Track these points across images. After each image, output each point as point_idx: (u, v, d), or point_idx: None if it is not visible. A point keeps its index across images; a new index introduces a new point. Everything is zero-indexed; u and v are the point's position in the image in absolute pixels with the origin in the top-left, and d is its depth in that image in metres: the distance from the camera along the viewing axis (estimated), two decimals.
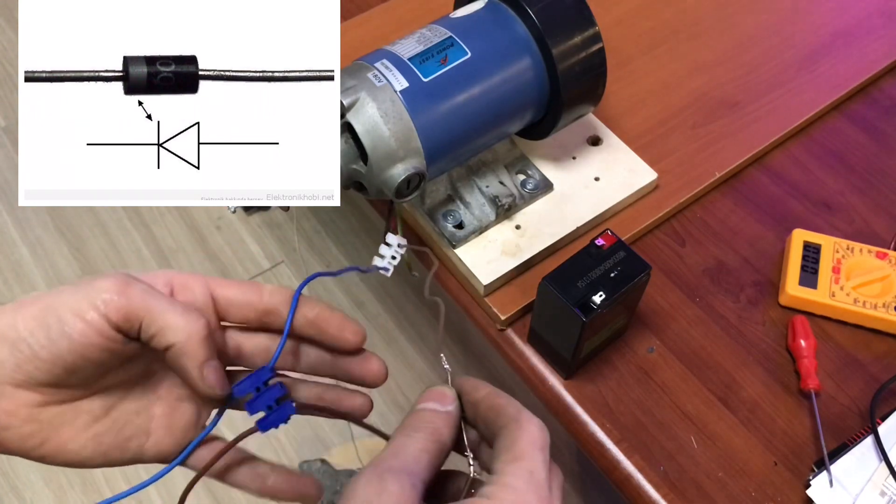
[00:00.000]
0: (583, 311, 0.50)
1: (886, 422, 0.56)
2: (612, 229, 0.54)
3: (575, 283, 0.52)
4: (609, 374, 0.59)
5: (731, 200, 0.68)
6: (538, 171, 0.64)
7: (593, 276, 0.52)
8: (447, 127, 0.54)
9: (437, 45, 0.54)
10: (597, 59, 0.57)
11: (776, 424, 0.57)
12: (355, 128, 0.51)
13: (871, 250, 0.63)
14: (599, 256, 0.53)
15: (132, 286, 0.37)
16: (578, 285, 0.51)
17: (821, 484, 0.54)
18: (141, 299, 0.36)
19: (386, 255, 0.50)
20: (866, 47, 0.77)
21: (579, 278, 0.52)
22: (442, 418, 0.39)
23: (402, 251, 0.51)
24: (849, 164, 0.71)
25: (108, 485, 1.26)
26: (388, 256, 0.51)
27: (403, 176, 0.52)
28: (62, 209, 1.52)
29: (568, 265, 0.53)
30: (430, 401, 0.40)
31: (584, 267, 0.52)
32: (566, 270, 0.52)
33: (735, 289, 0.63)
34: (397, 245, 0.51)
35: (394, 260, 0.51)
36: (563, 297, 0.51)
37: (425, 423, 0.39)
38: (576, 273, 0.52)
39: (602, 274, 0.52)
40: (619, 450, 0.56)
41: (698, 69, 0.75)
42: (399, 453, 0.37)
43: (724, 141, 0.70)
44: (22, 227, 1.51)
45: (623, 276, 0.52)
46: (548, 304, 0.53)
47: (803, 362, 0.58)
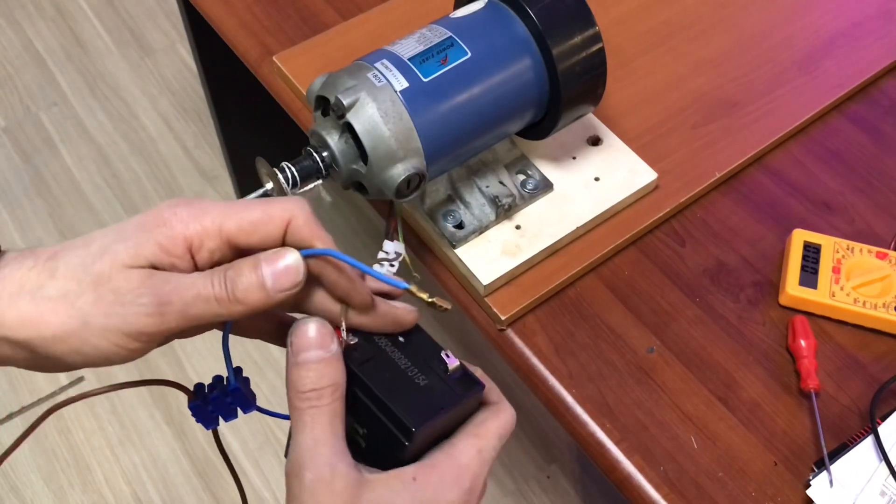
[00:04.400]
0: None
1: (886, 422, 0.56)
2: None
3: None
4: (609, 374, 0.59)
5: (731, 200, 0.68)
6: (538, 171, 0.64)
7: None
8: (447, 127, 0.54)
9: (437, 45, 0.54)
10: (597, 59, 0.57)
11: (776, 424, 0.57)
12: (355, 128, 0.51)
13: (871, 250, 0.63)
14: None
15: (163, 299, 0.36)
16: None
17: (821, 484, 0.54)
18: (176, 315, 0.36)
19: (384, 263, 0.51)
20: (866, 47, 0.77)
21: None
22: (332, 365, 0.37)
23: (400, 258, 0.51)
24: (849, 164, 0.71)
25: (108, 485, 1.26)
26: (387, 265, 0.51)
27: (403, 176, 0.52)
28: (62, 209, 1.53)
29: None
30: (312, 348, 0.37)
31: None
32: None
33: (735, 289, 0.63)
34: (395, 252, 0.51)
35: (392, 268, 0.51)
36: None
37: (323, 381, 0.37)
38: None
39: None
40: (619, 450, 0.56)
41: (698, 69, 0.75)
42: (319, 437, 0.36)
43: (724, 141, 0.70)
44: (22, 228, 1.51)
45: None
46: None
47: (803, 362, 0.58)
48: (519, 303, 0.60)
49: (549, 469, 1.29)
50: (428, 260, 0.64)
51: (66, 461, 1.28)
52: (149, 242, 0.36)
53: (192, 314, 0.36)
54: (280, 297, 0.37)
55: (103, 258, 0.36)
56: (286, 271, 0.37)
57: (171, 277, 0.36)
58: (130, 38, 1.77)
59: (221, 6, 0.80)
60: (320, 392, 0.37)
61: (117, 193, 1.55)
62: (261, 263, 0.36)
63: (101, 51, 1.75)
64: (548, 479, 1.28)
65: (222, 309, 0.36)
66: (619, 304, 0.62)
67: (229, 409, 0.42)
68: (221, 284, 0.36)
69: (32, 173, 1.58)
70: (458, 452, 0.38)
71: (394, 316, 0.41)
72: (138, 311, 0.35)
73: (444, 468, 0.38)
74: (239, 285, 0.36)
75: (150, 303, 0.35)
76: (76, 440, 1.30)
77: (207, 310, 0.36)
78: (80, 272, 0.36)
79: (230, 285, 0.36)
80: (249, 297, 0.36)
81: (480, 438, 0.39)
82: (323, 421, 0.37)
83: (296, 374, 0.37)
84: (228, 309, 0.36)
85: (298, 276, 0.37)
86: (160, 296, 0.35)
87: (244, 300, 0.36)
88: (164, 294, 0.35)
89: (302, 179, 0.52)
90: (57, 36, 1.78)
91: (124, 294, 0.35)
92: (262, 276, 0.36)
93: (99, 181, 1.57)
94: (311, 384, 0.37)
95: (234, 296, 0.36)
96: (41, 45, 1.76)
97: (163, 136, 1.63)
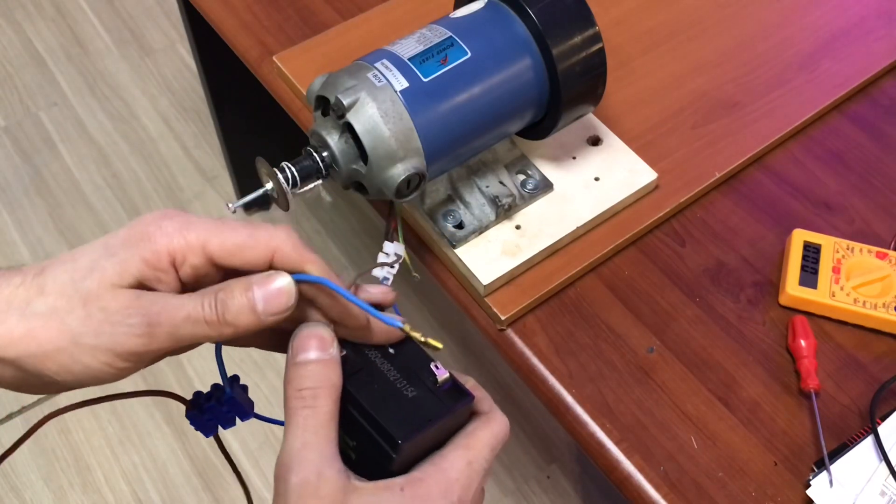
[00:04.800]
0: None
1: (886, 422, 0.56)
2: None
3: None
4: (609, 374, 0.59)
5: (731, 200, 0.68)
6: (538, 171, 0.64)
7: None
8: (447, 127, 0.54)
9: (437, 45, 0.54)
10: (597, 59, 0.57)
11: (776, 424, 0.57)
12: (355, 128, 0.51)
13: (871, 250, 0.63)
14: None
15: (153, 320, 0.36)
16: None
17: (821, 484, 0.54)
18: (165, 336, 0.36)
19: (385, 265, 0.51)
20: (866, 47, 0.77)
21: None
22: (330, 367, 0.37)
23: (400, 260, 0.51)
24: (849, 164, 0.71)
25: (108, 485, 1.26)
26: (387, 267, 0.51)
27: (403, 176, 0.52)
28: (62, 209, 1.53)
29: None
30: (310, 350, 0.38)
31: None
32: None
33: (735, 289, 0.63)
34: (395, 254, 0.51)
35: (392, 269, 0.51)
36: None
37: (320, 382, 0.37)
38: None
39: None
40: (619, 450, 0.56)
41: (698, 69, 0.75)
42: (310, 441, 0.36)
43: (724, 141, 0.70)
44: (22, 228, 1.51)
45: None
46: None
47: (803, 362, 0.58)
48: (519, 303, 0.60)
49: (549, 469, 1.29)
50: (428, 260, 0.64)
51: (66, 461, 1.28)
52: (134, 258, 0.36)
53: (181, 335, 0.36)
54: (270, 320, 0.37)
55: (92, 275, 0.36)
56: (278, 294, 0.37)
57: (160, 298, 0.36)
58: (130, 37, 1.77)
59: (221, 6, 0.80)
60: (315, 392, 0.37)
61: (117, 193, 1.55)
62: (252, 286, 0.37)
63: (101, 51, 1.75)
64: (548, 479, 1.28)
65: (212, 331, 0.36)
66: (619, 304, 0.62)
67: (226, 417, 0.42)
68: (212, 307, 0.36)
69: (32, 173, 1.58)
70: (447, 465, 0.38)
71: (385, 329, 0.41)
72: (128, 331, 0.35)
73: (433, 480, 0.37)
74: (230, 308, 0.36)
75: (140, 323, 0.35)
76: (76, 440, 1.30)
77: (197, 331, 0.36)
78: (68, 288, 0.36)
79: (220, 308, 0.36)
80: (240, 320, 0.36)
81: (470, 450, 0.39)
82: (314, 423, 0.36)
83: (293, 373, 0.37)
84: (218, 331, 0.37)
85: (290, 301, 0.37)
86: (150, 316, 0.35)
87: (234, 322, 0.36)
88: (153, 315, 0.36)
89: (302, 179, 0.52)
90: (57, 36, 1.78)
91: (113, 314, 0.35)
92: (254, 299, 0.36)
93: (99, 181, 1.57)
94: (308, 383, 0.37)
95: (224, 318, 0.36)
96: (41, 45, 1.76)
97: (163, 136, 1.63)
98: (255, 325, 0.37)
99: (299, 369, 0.37)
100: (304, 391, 0.37)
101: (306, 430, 0.36)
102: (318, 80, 0.54)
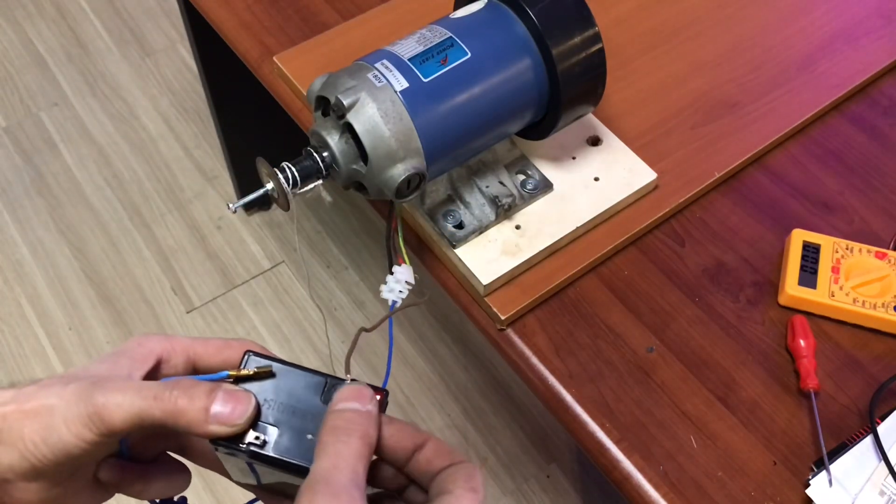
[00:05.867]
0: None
1: (886, 421, 0.56)
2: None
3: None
4: (609, 373, 0.59)
5: (731, 200, 0.68)
6: (538, 171, 0.65)
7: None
8: (447, 127, 0.54)
9: (437, 45, 0.54)
10: (596, 60, 0.57)
11: (776, 424, 0.57)
12: (355, 128, 0.51)
13: (871, 250, 0.63)
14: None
15: (113, 407, 0.37)
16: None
17: (820, 484, 0.54)
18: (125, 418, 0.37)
19: (394, 288, 0.51)
20: (866, 47, 0.77)
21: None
22: (366, 418, 0.38)
23: (409, 287, 0.51)
24: (848, 164, 0.71)
25: None
26: (397, 290, 0.51)
27: (403, 176, 0.52)
28: (62, 209, 1.53)
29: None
30: (350, 400, 0.39)
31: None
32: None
33: (734, 289, 0.63)
34: (405, 281, 0.51)
35: (402, 294, 0.51)
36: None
37: (354, 425, 0.38)
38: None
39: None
40: (619, 449, 0.56)
41: (698, 69, 0.75)
42: (340, 465, 0.36)
43: (724, 141, 0.70)
44: (22, 227, 1.51)
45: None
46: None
47: (803, 362, 0.58)
48: (519, 303, 0.60)
49: (549, 469, 1.29)
50: (428, 260, 0.64)
51: None
52: (123, 358, 0.40)
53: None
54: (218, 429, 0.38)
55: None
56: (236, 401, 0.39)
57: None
58: (131, 38, 1.78)
59: (222, 6, 0.80)
60: (350, 431, 0.37)
61: (117, 193, 1.55)
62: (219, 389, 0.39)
63: (102, 51, 1.76)
64: (548, 479, 1.28)
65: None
66: (619, 303, 0.62)
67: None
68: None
69: (33, 173, 1.58)
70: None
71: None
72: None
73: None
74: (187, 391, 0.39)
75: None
76: None
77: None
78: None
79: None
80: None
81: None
82: (346, 453, 0.37)
83: (330, 419, 0.38)
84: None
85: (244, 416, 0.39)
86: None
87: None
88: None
89: (302, 179, 0.52)
90: (57, 36, 1.78)
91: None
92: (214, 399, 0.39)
93: (99, 181, 1.57)
94: (343, 424, 0.38)
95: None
96: (42, 46, 1.76)
97: (163, 136, 1.63)
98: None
99: (336, 416, 0.38)
100: (338, 430, 0.37)
101: (338, 456, 0.37)
102: (319, 81, 0.55)
